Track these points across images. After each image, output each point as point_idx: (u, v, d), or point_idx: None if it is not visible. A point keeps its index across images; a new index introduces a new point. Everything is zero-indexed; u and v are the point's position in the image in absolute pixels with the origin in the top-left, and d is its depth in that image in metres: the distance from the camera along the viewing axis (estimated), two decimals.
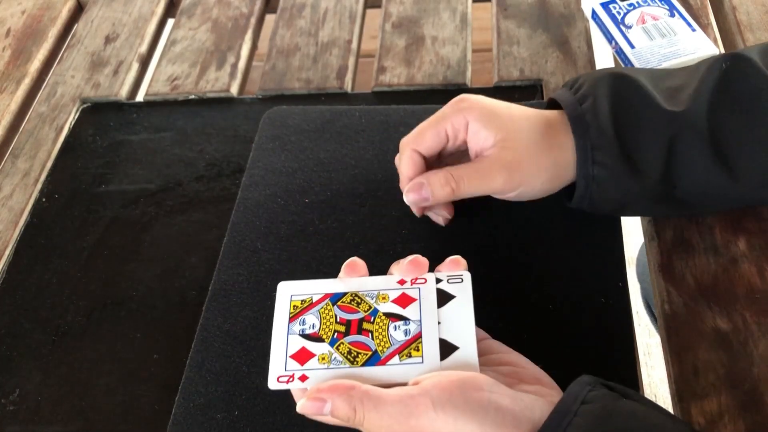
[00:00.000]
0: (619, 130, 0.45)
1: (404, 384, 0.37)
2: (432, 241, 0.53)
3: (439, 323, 0.39)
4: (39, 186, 0.65)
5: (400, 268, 0.42)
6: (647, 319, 0.90)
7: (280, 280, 0.52)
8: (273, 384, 0.38)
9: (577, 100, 0.47)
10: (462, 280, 0.41)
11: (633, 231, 0.81)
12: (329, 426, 0.39)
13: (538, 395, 0.37)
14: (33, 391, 0.52)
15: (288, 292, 0.42)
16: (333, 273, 0.52)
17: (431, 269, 0.43)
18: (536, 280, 0.50)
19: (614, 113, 0.46)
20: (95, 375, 0.52)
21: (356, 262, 0.43)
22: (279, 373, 0.38)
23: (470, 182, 0.46)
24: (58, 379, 0.52)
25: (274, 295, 0.52)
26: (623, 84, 0.47)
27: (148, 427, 0.49)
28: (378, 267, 0.52)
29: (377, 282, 0.42)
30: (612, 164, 0.45)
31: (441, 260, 0.52)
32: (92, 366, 0.52)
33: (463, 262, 0.42)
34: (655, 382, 1.25)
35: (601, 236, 0.52)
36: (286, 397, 0.42)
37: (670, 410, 0.45)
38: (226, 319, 0.51)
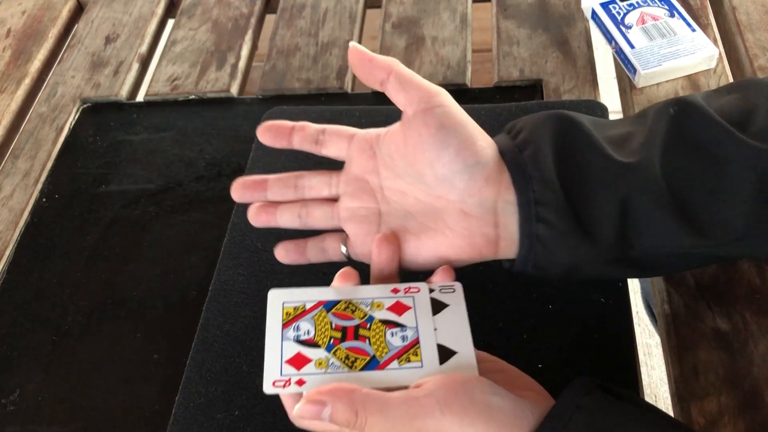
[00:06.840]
0: (565, 183, 0.40)
1: (405, 388, 0.37)
2: None
3: (435, 329, 0.39)
4: (39, 186, 0.65)
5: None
6: (647, 319, 0.90)
7: (280, 280, 0.53)
8: (268, 388, 0.37)
9: (516, 146, 0.41)
10: (454, 290, 0.41)
11: None
12: None
13: (532, 401, 0.37)
14: (33, 391, 0.52)
15: (280, 299, 0.41)
16: (333, 272, 0.52)
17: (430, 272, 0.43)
18: (536, 279, 0.50)
19: (559, 164, 0.40)
20: (95, 375, 0.52)
21: (350, 271, 0.42)
22: (275, 377, 0.37)
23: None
24: (58, 379, 0.52)
25: None
26: (567, 129, 0.41)
27: (148, 427, 0.49)
28: None
29: (370, 290, 0.41)
30: (558, 222, 0.40)
31: None
32: (92, 366, 0.52)
33: (452, 272, 0.41)
34: (655, 382, 1.25)
35: None
36: None
37: (670, 410, 0.45)
38: (226, 319, 0.51)
